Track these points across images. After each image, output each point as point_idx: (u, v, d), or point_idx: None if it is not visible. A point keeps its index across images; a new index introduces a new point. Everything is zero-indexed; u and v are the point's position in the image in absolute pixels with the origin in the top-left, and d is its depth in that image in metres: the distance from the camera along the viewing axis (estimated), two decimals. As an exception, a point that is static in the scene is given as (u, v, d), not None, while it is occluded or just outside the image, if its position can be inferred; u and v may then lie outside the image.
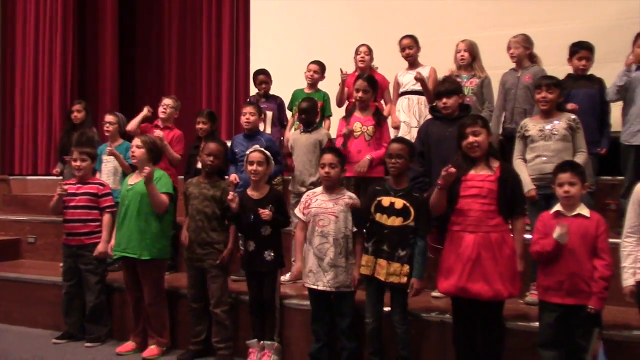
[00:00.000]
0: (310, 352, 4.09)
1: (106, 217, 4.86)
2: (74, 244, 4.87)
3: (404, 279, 3.72)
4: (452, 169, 3.46)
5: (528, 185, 4.05)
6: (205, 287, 4.45)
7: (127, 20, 9.26)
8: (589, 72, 4.82)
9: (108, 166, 5.63)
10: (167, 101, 5.71)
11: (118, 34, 9.03)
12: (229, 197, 4.27)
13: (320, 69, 5.80)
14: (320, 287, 3.96)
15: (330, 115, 5.74)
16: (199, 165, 4.89)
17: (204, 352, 4.48)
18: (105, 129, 5.74)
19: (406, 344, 3.80)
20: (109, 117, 5.78)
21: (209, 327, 4.49)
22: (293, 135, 5.31)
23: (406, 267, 3.72)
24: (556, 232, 3.28)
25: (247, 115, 5.12)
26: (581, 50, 4.77)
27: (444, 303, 3.98)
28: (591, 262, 3.29)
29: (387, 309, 3.89)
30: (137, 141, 4.64)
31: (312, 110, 5.09)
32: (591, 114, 4.46)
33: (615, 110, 4.85)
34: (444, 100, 4.15)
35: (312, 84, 5.82)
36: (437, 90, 4.25)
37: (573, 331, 3.31)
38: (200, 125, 5.40)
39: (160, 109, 5.69)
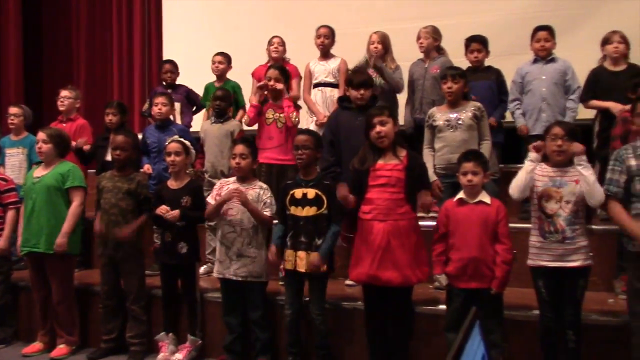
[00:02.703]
0: (224, 344, 4.08)
1: (9, 214, 4.66)
2: (-26, 243, 4.65)
3: (324, 267, 3.78)
4: (352, 199, 3.61)
5: (431, 177, 4.14)
6: (119, 283, 4.37)
7: (32, 8, 8.84)
8: (486, 64, 4.99)
9: (12, 160, 5.42)
10: (64, 93, 5.61)
11: (22, 22, 8.59)
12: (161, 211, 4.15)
13: (224, 59, 5.78)
14: (227, 276, 3.97)
15: (244, 106, 5.71)
16: (108, 157, 4.78)
17: (116, 349, 4.39)
18: (9, 121, 5.53)
19: (325, 333, 3.86)
20: (13, 110, 5.58)
21: (122, 324, 4.40)
22: (204, 126, 5.28)
23: None
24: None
25: (160, 105, 5.08)
26: (472, 43, 4.96)
27: (357, 291, 4.04)
28: (492, 246, 3.43)
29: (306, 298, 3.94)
30: (42, 135, 4.48)
31: (226, 98, 5.09)
32: (489, 105, 4.59)
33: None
34: (362, 91, 4.18)
35: (220, 76, 5.80)
36: (357, 81, 4.22)
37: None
38: (109, 117, 5.26)
39: (59, 102, 5.58)
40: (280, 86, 4.70)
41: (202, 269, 4.78)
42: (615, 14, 5.62)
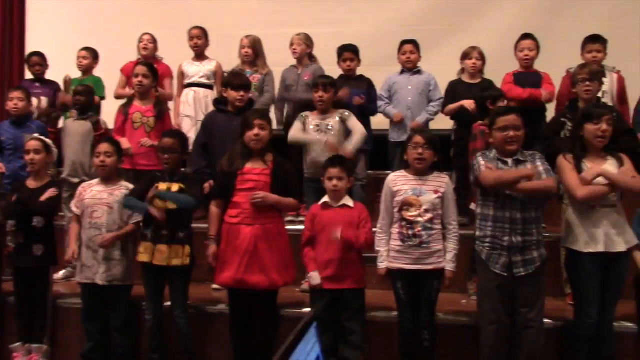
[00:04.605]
0: (82, 352, 3.91)
1: None
2: None
3: (187, 260, 3.71)
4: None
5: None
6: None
7: None
8: (358, 73, 5.13)
9: None
10: None
11: None
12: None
13: (89, 54, 5.57)
14: (96, 281, 3.80)
15: (104, 98, 5.48)
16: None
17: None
18: None
19: (189, 337, 3.80)
20: None
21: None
22: (66, 122, 5.06)
23: (187, 248, 3.73)
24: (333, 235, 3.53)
25: (15, 100, 4.82)
26: (344, 52, 5.08)
27: (223, 294, 4.01)
28: (356, 249, 3.55)
29: (167, 304, 3.84)
30: None
31: (86, 93, 4.90)
32: (358, 112, 4.73)
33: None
34: (242, 93, 4.17)
35: (85, 71, 5.57)
36: (237, 83, 4.20)
37: (340, 315, 3.56)
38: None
39: None
40: (147, 81, 4.58)
41: (61, 273, 4.57)
42: (476, 31, 6.01)
